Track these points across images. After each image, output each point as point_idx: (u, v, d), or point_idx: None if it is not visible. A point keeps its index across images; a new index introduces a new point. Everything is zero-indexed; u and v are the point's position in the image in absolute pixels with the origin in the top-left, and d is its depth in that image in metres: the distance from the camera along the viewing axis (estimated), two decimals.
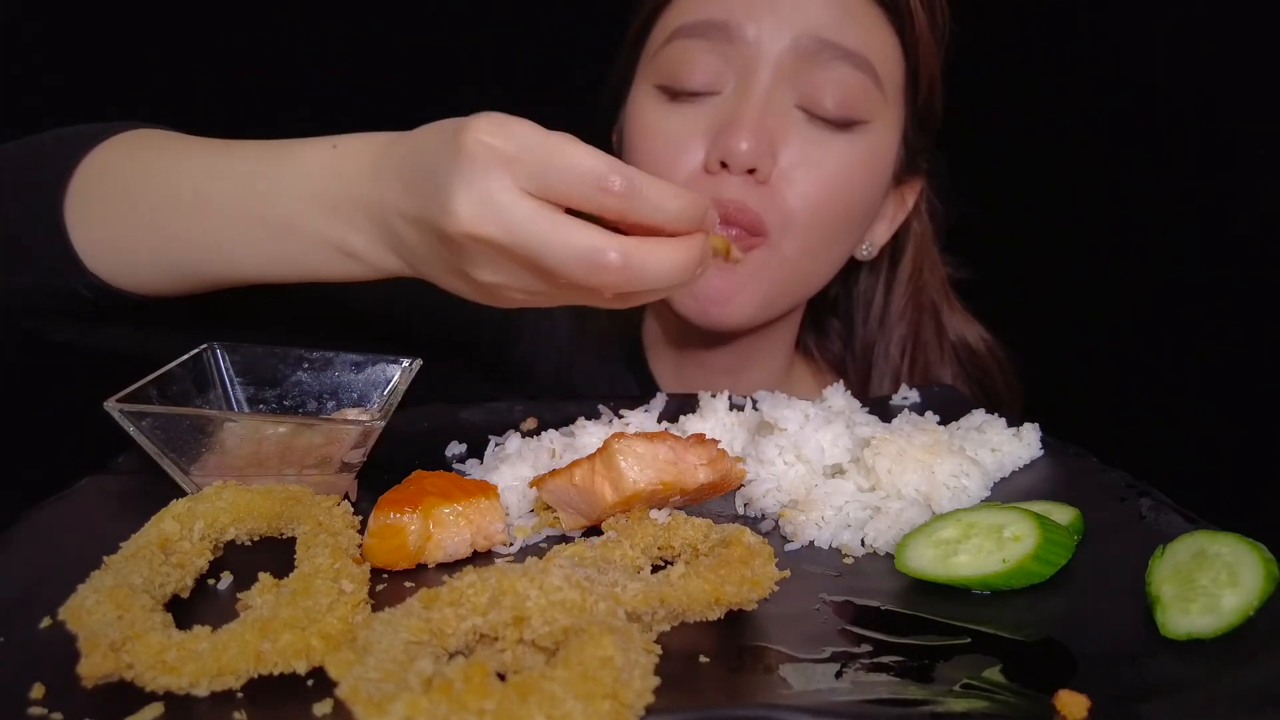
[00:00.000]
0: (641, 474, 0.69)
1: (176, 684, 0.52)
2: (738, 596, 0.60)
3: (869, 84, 1.06)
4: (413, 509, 0.69)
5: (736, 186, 1.04)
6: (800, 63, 1.04)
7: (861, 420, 0.91)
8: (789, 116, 1.06)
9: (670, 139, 1.08)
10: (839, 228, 1.11)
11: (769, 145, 1.04)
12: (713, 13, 1.06)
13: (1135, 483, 0.80)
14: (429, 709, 0.45)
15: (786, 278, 1.11)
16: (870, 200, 1.14)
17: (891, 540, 0.73)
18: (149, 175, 0.85)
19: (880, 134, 1.10)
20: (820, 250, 1.12)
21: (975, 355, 1.31)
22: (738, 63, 1.05)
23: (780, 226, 1.06)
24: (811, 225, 1.08)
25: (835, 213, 1.09)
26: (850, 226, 1.13)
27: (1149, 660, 0.57)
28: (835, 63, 1.04)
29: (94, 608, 0.55)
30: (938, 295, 1.29)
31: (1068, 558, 0.67)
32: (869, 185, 1.11)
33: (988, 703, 0.52)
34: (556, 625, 0.52)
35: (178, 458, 0.75)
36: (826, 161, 1.06)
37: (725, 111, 1.05)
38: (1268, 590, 0.58)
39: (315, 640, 0.54)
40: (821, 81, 1.04)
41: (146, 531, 0.66)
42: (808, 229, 1.08)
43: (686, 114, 1.08)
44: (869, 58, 1.05)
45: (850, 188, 1.09)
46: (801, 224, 1.07)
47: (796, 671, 0.56)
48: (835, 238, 1.12)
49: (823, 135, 1.06)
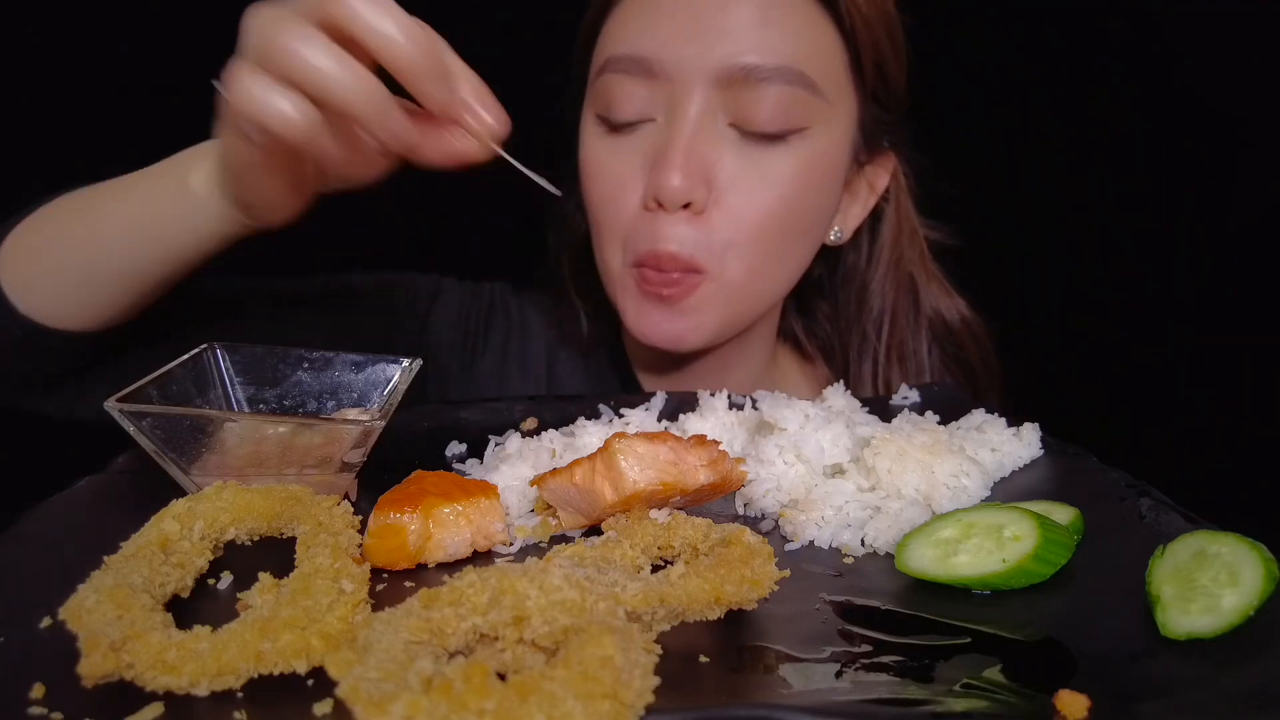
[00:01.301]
0: (642, 474, 0.69)
1: (176, 684, 0.52)
2: (738, 596, 0.60)
3: (801, 93, 1.03)
4: (413, 509, 0.69)
5: (674, 224, 1.04)
6: (728, 86, 1.02)
7: (861, 420, 0.91)
8: (722, 139, 1.04)
9: (612, 176, 1.09)
10: (788, 238, 1.10)
11: (701, 176, 1.02)
12: (635, 47, 1.04)
13: (1135, 482, 0.80)
14: (429, 709, 0.45)
15: (738, 300, 1.11)
16: (823, 200, 1.12)
17: (891, 540, 0.73)
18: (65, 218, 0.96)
19: (822, 135, 1.07)
20: (770, 265, 1.11)
21: (951, 330, 1.29)
22: (664, 94, 1.04)
23: (720, 257, 1.06)
24: (755, 246, 1.07)
25: (781, 227, 1.07)
26: (802, 232, 1.12)
27: (1149, 660, 0.57)
28: (763, 82, 1.01)
29: (94, 607, 0.55)
30: (916, 269, 1.27)
31: (1067, 557, 0.67)
32: (817, 188, 1.09)
33: (988, 702, 0.52)
34: (556, 625, 0.52)
35: (178, 458, 0.75)
36: (764, 177, 1.05)
37: (658, 142, 1.05)
38: (1268, 590, 0.58)
39: (315, 640, 0.54)
40: (751, 101, 1.02)
41: (146, 531, 0.66)
42: (751, 251, 1.07)
43: (624, 147, 1.07)
44: (799, 68, 1.02)
45: (795, 197, 1.07)
46: (744, 248, 1.06)
47: (796, 671, 0.56)
48: (786, 248, 1.11)
49: (759, 151, 1.04)
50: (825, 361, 1.36)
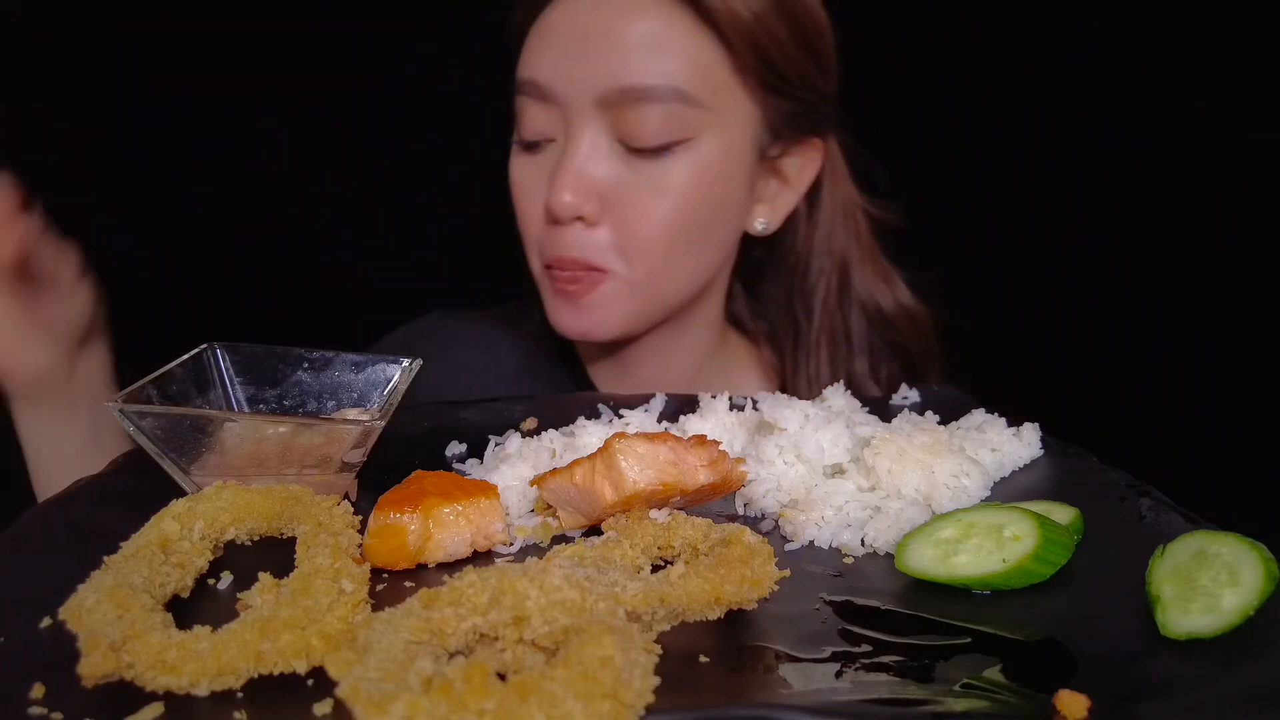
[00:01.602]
0: (642, 474, 0.69)
1: (176, 684, 0.52)
2: (738, 596, 0.60)
3: (681, 108, 1.08)
4: (413, 509, 0.69)
5: (572, 235, 1.12)
6: (611, 107, 1.08)
7: (861, 420, 0.91)
8: (610, 155, 1.11)
9: (524, 191, 1.18)
10: (687, 240, 1.15)
11: (590, 192, 1.10)
12: (532, 72, 1.13)
13: (1135, 482, 0.80)
14: (429, 709, 0.45)
15: (643, 296, 1.17)
16: (721, 200, 1.16)
17: (891, 540, 0.73)
18: None
19: (710, 142, 1.12)
20: (671, 265, 1.16)
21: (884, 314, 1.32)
22: (556, 115, 1.12)
23: (620, 257, 1.13)
24: (651, 249, 1.13)
25: (676, 231, 1.13)
26: (703, 233, 1.17)
27: (1149, 660, 0.57)
28: (641, 102, 1.07)
29: (94, 607, 0.55)
30: (850, 252, 1.30)
31: (1067, 557, 0.67)
32: (710, 192, 1.14)
33: (988, 702, 0.52)
34: (556, 625, 0.52)
35: (178, 457, 0.75)
36: (654, 188, 1.11)
37: (556, 162, 1.12)
38: (1268, 590, 0.58)
39: (315, 640, 0.54)
40: (633, 120, 1.08)
41: (146, 531, 0.66)
42: (649, 253, 1.13)
43: (533, 164, 1.16)
44: (677, 85, 1.08)
45: (687, 203, 1.12)
46: (640, 251, 1.13)
47: (796, 671, 0.56)
48: (687, 248, 1.16)
49: (645, 164, 1.10)
50: (769, 344, 1.38)
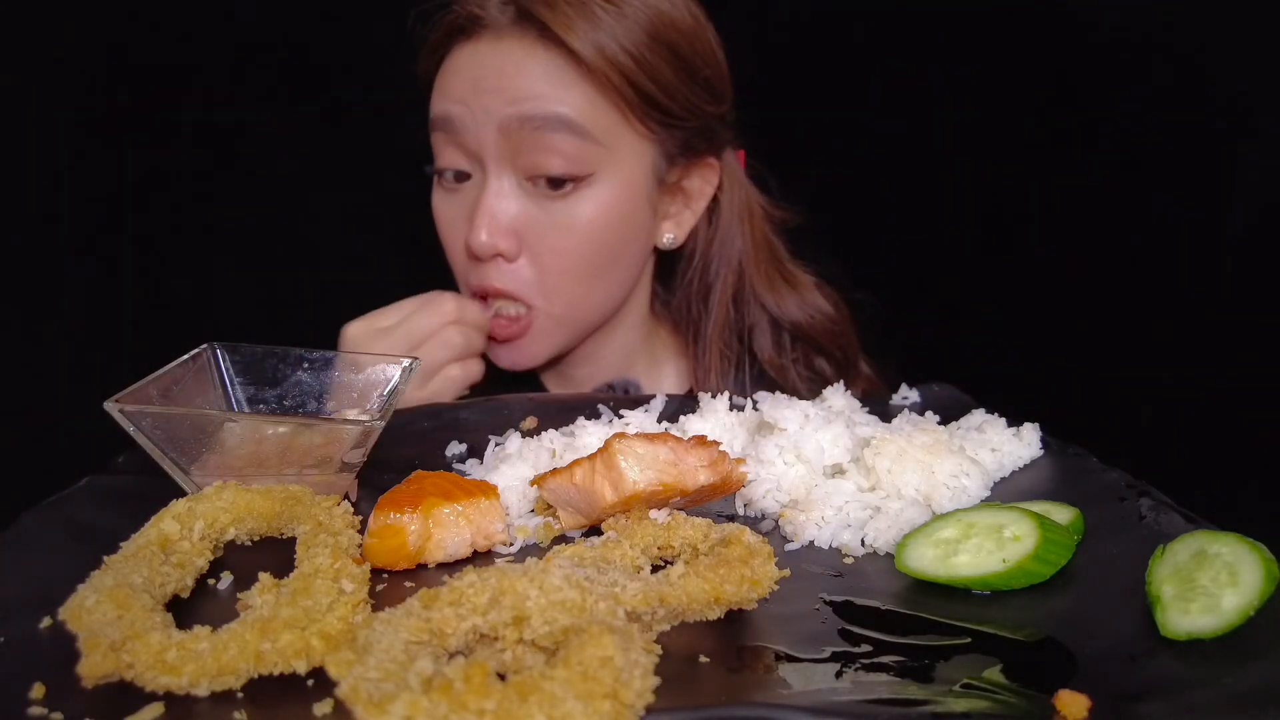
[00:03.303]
0: (642, 474, 0.69)
1: (176, 684, 0.52)
2: (737, 596, 0.60)
3: (578, 141, 1.14)
4: (413, 509, 0.69)
5: (494, 270, 1.19)
6: (514, 141, 1.14)
7: (861, 420, 0.91)
8: (518, 194, 1.17)
9: (445, 226, 1.24)
10: (600, 269, 1.22)
11: (505, 230, 1.16)
12: (439, 107, 1.18)
13: (1135, 482, 0.80)
14: (429, 709, 0.45)
15: (568, 326, 1.25)
16: (629, 230, 1.22)
17: (891, 540, 0.73)
18: None
19: (612, 178, 1.17)
20: (588, 294, 1.23)
21: (784, 309, 1.35)
22: (467, 149, 1.17)
23: (540, 294, 1.20)
24: (567, 284, 1.20)
25: (588, 264, 1.20)
26: (613, 260, 1.23)
27: (1149, 660, 0.57)
28: (542, 132, 1.13)
29: (94, 607, 0.55)
30: (746, 255, 1.34)
31: (1068, 558, 0.67)
32: (618, 224, 1.20)
33: (988, 702, 0.52)
34: (556, 625, 0.52)
35: (178, 457, 0.75)
36: (563, 226, 1.17)
37: (473, 200, 1.18)
38: (1268, 590, 0.58)
39: (315, 640, 0.54)
40: (535, 154, 1.13)
41: (146, 531, 0.66)
42: (569, 286, 1.21)
43: (452, 200, 1.22)
44: (572, 117, 1.13)
45: (595, 237, 1.19)
46: (560, 287, 1.20)
47: (796, 671, 0.56)
48: (600, 277, 1.23)
49: (552, 203, 1.16)
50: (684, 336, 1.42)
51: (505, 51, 1.15)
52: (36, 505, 0.76)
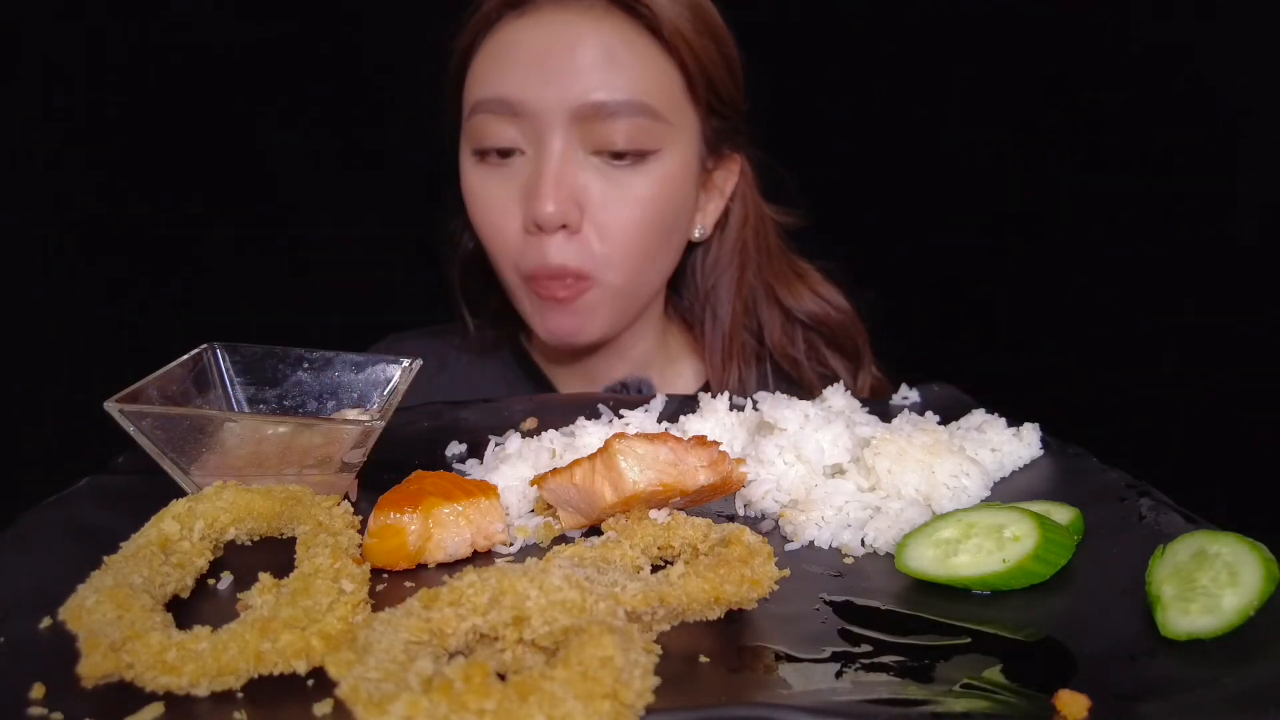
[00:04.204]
0: (642, 475, 0.69)
1: (176, 684, 0.52)
2: (737, 596, 0.60)
3: (649, 122, 1.15)
4: (413, 509, 0.69)
5: (555, 244, 1.16)
6: (583, 121, 1.14)
7: (861, 420, 0.91)
8: (586, 166, 1.16)
9: (491, 205, 1.21)
10: (656, 245, 1.23)
11: (572, 200, 1.15)
12: (499, 90, 1.16)
13: (1135, 482, 0.80)
14: (429, 709, 0.45)
15: (624, 298, 1.24)
16: (681, 208, 1.24)
17: (891, 540, 0.73)
18: None
19: (672, 154, 1.19)
20: (645, 269, 1.24)
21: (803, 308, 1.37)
22: (529, 130, 1.16)
23: (603, 266, 1.19)
24: (630, 256, 1.20)
25: (648, 237, 1.20)
26: (667, 238, 1.24)
27: (1149, 660, 0.57)
28: (614, 115, 1.13)
29: (94, 608, 0.55)
30: (759, 253, 1.37)
31: (1068, 558, 0.67)
32: (675, 200, 1.21)
33: (988, 703, 0.52)
34: (556, 625, 0.52)
35: (178, 458, 0.75)
36: (629, 198, 1.17)
37: (530, 174, 1.16)
38: (1268, 590, 0.58)
39: (315, 640, 0.54)
40: (606, 131, 1.14)
41: (146, 531, 0.66)
42: (627, 260, 1.20)
43: (500, 178, 1.19)
44: (644, 100, 1.14)
45: (658, 212, 1.19)
46: (620, 259, 1.19)
47: (796, 671, 0.56)
48: (656, 252, 1.24)
49: (620, 175, 1.17)
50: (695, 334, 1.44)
51: (570, 25, 1.14)
52: (36, 505, 0.76)
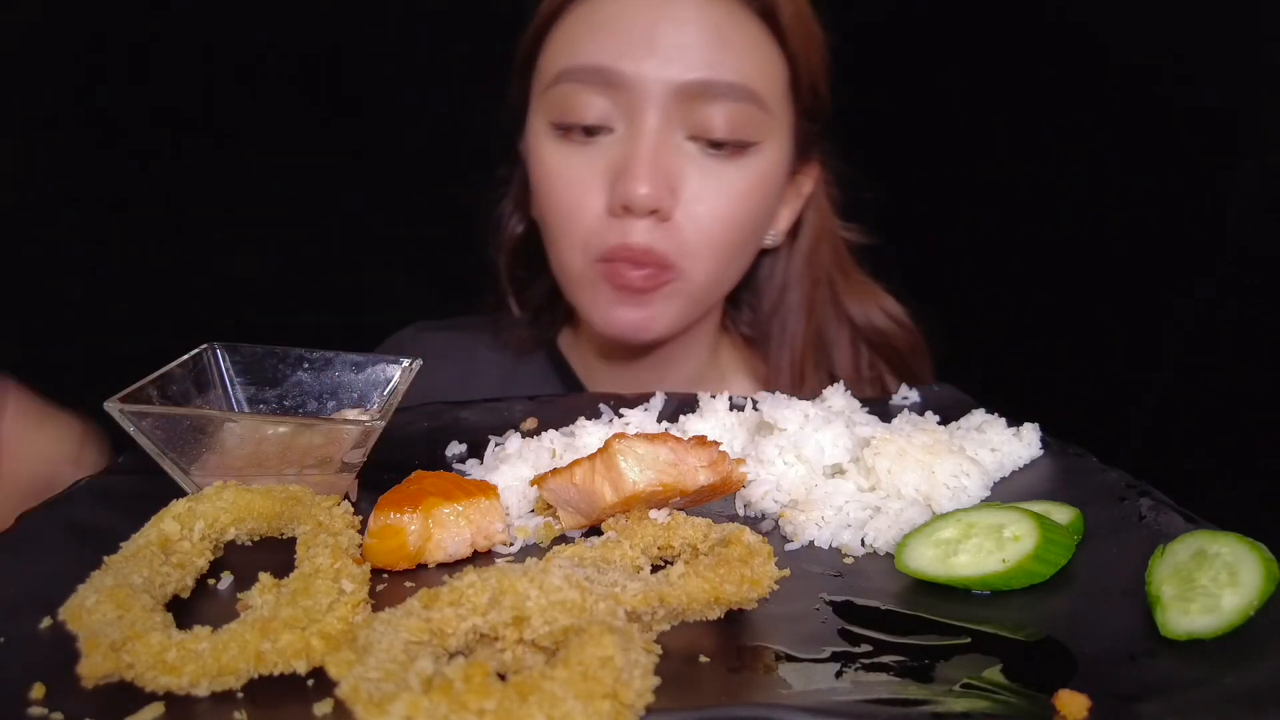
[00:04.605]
0: (642, 475, 0.69)
1: (177, 684, 0.52)
2: (738, 595, 0.60)
3: (754, 110, 1.09)
4: (413, 509, 0.69)
5: (641, 228, 1.08)
6: (685, 100, 1.07)
7: (861, 420, 0.91)
8: (682, 151, 1.09)
9: (572, 183, 1.12)
10: (743, 244, 1.18)
11: (666, 185, 1.07)
12: (595, 58, 1.07)
13: (1135, 482, 0.80)
14: (429, 709, 0.45)
15: (698, 297, 1.17)
16: (769, 209, 1.19)
17: (891, 540, 0.73)
18: None
19: (771, 150, 1.13)
20: (727, 269, 1.18)
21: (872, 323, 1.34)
22: (624, 105, 1.08)
23: (689, 257, 1.11)
24: (718, 251, 1.13)
25: (737, 235, 1.14)
26: (752, 238, 1.19)
27: (1149, 660, 0.57)
28: (719, 98, 1.07)
29: (94, 608, 0.55)
30: (833, 266, 1.33)
31: (1067, 558, 0.67)
32: (766, 199, 1.16)
33: (988, 702, 0.52)
34: (556, 625, 0.52)
35: (178, 458, 0.75)
36: (724, 190, 1.11)
37: (620, 153, 1.09)
38: (1268, 590, 0.58)
39: (315, 640, 0.54)
40: (709, 115, 1.07)
41: (147, 531, 0.66)
42: (715, 255, 1.13)
43: (584, 156, 1.11)
44: (752, 86, 1.08)
45: (750, 208, 1.13)
46: (708, 253, 1.13)
47: (796, 671, 0.56)
48: (740, 253, 1.18)
49: (718, 165, 1.10)
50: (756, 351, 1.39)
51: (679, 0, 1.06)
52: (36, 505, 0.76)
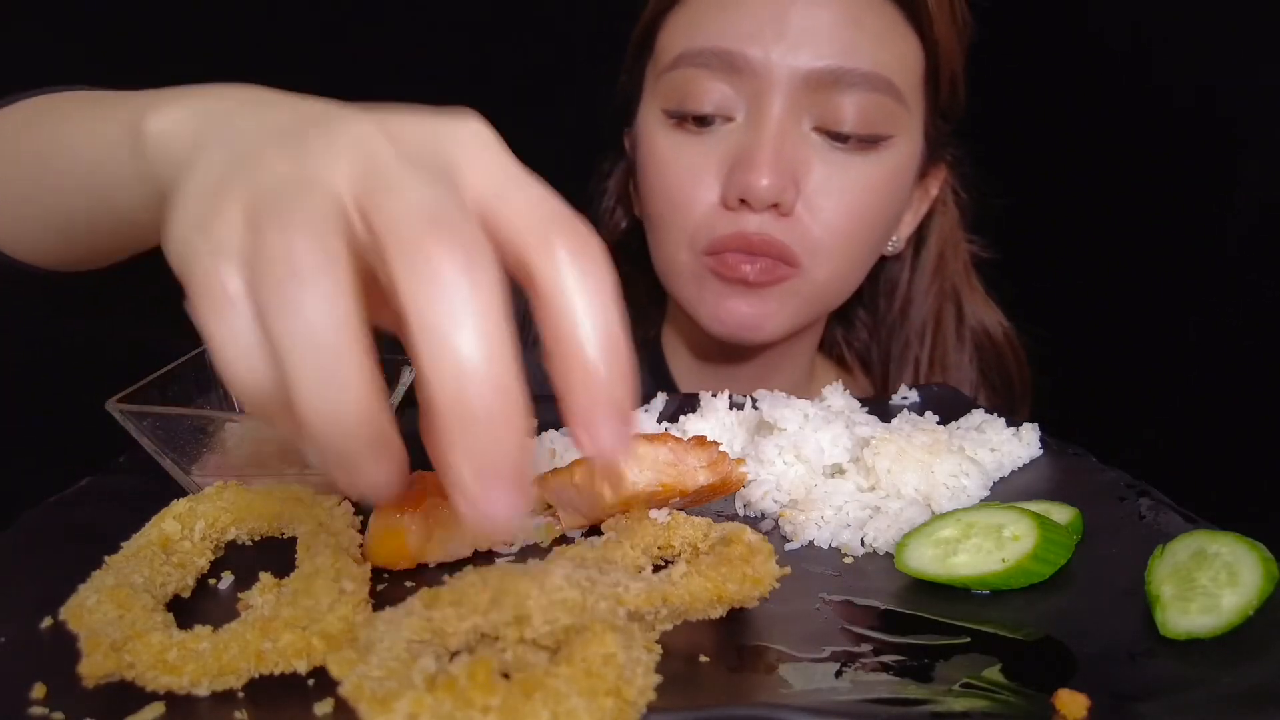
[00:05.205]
0: (641, 475, 0.69)
1: (177, 684, 0.52)
2: (740, 594, 0.60)
3: (888, 102, 1.01)
4: (414, 509, 0.69)
5: (759, 222, 1.02)
6: (815, 89, 0.99)
7: (861, 420, 0.91)
8: (807, 142, 1.02)
9: (684, 172, 1.05)
10: (868, 246, 1.10)
11: (790, 177, 1.00)
12: (718, 40, 1.01)
13: (1134, 482, 0.80)
14: (434, 706, 0.45)
15: (817, 299, 1.11)
16: (897, 209, 1.12)
17: (891, 540, 0.73)
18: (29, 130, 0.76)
19: (903, 146, 1.06)
20: (850, 271, 1.11)
21: (993, 341, 1.28)
22: (748, 91, 1.01)
23: (810, 254, 1.04)
24: (842, 250, 1.06)
25: (863, 234, 1.07)
26: (879, 240, 1.12)
27: (1148, 660, 0.57)
28: (852, 87, 0.99)
29: (95, 607, 0.55)
30: (960, 280, 1.27)
31: (1067, 557, 0.67)
32: (895, 198, 1.09)
33: (987, 702, 0.52)
34: (557, 624, 0.52)
35: (179, 458, 0.75)
36: (852, 185, 1.03)
37: (739, 142, 1.02)
38: (1267, 590, 0.58)
39: (316, 640, 0.54)
40: (839, 105, 1.00)
41: (147, 531, 0.66)
42: (839, 254, 1.06)
43: (699, 144, 1.04)
44: (887, 76, 1.01)
45: (878, 207, 1.06)
46: (831, 251, 1.05)
47: (796, 671, 0.56)
48: (865, 255, 1.11)
49: (845, 158, 1.03)
50: (863, 371, 1.34)
51: None
52: (36, 505, 0.76)
